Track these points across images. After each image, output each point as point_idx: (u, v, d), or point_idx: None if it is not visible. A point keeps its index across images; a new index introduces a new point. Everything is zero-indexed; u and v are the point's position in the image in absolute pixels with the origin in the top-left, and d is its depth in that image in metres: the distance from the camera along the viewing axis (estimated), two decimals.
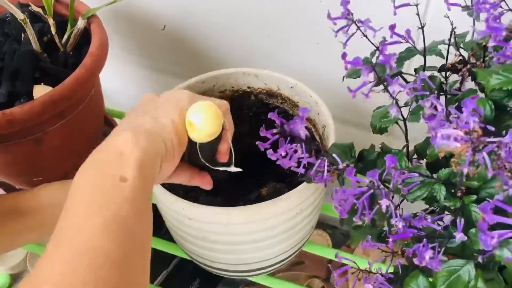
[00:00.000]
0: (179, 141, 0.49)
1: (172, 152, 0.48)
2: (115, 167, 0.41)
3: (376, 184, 0.42)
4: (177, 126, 0.49)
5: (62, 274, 0.34)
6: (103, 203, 0.39)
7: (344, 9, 0.50)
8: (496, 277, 0.47)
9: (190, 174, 0.57)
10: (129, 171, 0.41)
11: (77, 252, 0.35)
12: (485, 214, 0.30)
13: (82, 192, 0.40)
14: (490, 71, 0.38)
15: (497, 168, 0.31)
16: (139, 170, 0.41)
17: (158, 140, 0.46)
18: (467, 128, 0.30)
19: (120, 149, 0.43)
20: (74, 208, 0.39)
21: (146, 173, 0.42)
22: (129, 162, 0.41)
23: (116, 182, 0.40)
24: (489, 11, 0.39)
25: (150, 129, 0.46)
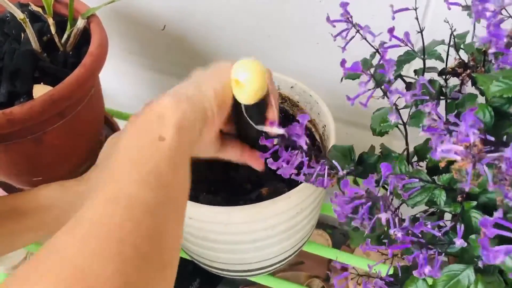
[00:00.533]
0: (220, 106, 0.50)
1: (212, 118, 0.49)
2: (155, 128, 0.43)
3: (373, 194, 0.42)
4: (218, 92, 0.49)
5: (99, 218, 0.35)
6: (141, 160, 0.40)
7: (343, 10, 0.50)
8: (496, 279, 0.47)
9: (240, 150, 0.58)
10: (167, 132, 0.42)
11: (115, 197, 0.37)
12: (486, 229, 0.30)
13: (122, 150, 0.42)
14: (490, 77, 0.38)
15: (498, 181, 0.31)
16: (178, 131, 0.43)
17: (199, 106, 0.47)
18: (467, 141, 0.30)
19: (160, 112, 0.44)
20: (113, 164, 0.41)
21: (185, 135, 0.44)
22: (168, 123, 0.43)
23: (155, 141, 0.41)
24: (489, 19, 0.39)
25: (191, 96, 0.47)
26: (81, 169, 0.84)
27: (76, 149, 0.76)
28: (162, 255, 0.37)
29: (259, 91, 0.50)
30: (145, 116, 0.45)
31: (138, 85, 1.13)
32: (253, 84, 0.49)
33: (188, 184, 0.44)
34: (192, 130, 0.45)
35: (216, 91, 0.49)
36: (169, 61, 1.03)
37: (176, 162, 0.42)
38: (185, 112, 0.45)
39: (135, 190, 0.38)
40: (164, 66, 1.05)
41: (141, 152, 0.41)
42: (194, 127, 0.46)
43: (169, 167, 0.41)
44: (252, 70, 0.49)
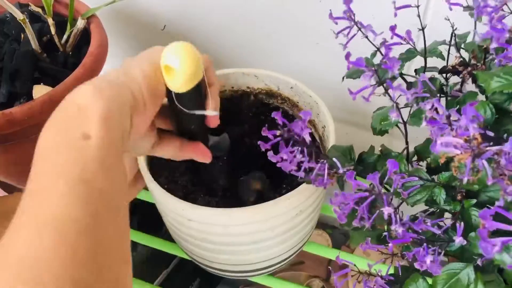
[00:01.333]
0: (151, 91, 0.43)
1: (142, 103, 0.42)
2: (75, 124, 0.36)
3: (377, 189, 0.42)
4: (147, 75, 0.43)
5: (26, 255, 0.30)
6: (66, 165, 0.34)
7: (346, 7, 0.50)
8: (496, 278, 0.47)
9: (179, 144, 0.52)
10: (91, 127, 0.36)
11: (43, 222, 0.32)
12: (485, 221, 0.30)
13: (44, 155, 0.36)
14: (491, 74, 0.38)
15: (497, 176, 0.31)
16: (104, 125, 0.36)
17: (124, 91, 0.41)
18: (466, 135, 0.30)
19: (79, 103, 0.37)
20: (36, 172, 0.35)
21: (113, 127, 0.37)
22: (90, 116, 0.36)
23: (78, 141, 0.35)
24: (490, 14, 0.39)
25: (114, 80, 0.41)
26: None
27: None
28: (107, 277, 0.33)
29: (192, 78, 0.44)
30: (64, 109, 0.39)
31: None
32: (184, 70, 0.43)
33: (125, 183, 0.39)
34: (120, 120, 0.39)
35: (145, 73, 0.43)
36: None
37: (107, 162, 0.36)
38: (108, 99, 0.38)
39: (64, 209, 0.32)
40: None
41: (64, 156, 0.35)
42: (122, 116, 0.39)
43: (101, 171, 0.35)
44: (183, 54, 0.43)
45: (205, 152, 0.54)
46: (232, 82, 0.78)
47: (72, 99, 0.39)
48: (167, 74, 0.44)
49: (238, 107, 0.79)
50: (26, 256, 0.30)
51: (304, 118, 0.47)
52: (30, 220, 0.32)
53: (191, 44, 0.44)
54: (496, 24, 0.37)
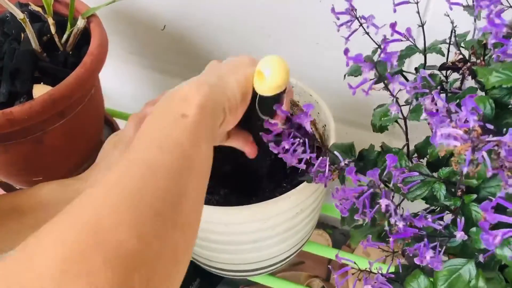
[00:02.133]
0: (243, 96, 0.51)
1: (235, 105, 0.50)
2: (178, 107, 0.44)
3: (376, 184, 0.42)
4: (241, 83, 0.51)
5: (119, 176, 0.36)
6: (163, 131, 0.41)
7: (348, 4, 0.51)
8: (497, 277, 0.47)
9: (245, 139, 0.58)
10: (190, 110, 0.43)
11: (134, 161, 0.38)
12: (486, 213, 0.30)
13: (144, 129, 0.43)
14: (490, 69, 0.38)
15: (497, 167, 0.31)
16: (200, 110, 0.44)
17: (221, 93, 0.49)
18: (466, 127, 0.30)
19: (185, 95, 0.45)
20: (141, 132, 0.43)
21: (207, 114, 0.45)
22: (191, 103, 0.44)
23: (177, 118, 0.43)
24: (489, 7, 0.39)
25: (214, 84, 0.48)
26: (81, 169, 0.83)
27: (76, 149, 0.76)
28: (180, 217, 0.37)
29: (281, 86, 0.51)
30: (170, 99, 0.46)
31: (138, 85, 1.13)
32: (277, 78, 0.50)
33: (211, 160, 0.45)
34: (214, 112, 0.47)
35: (239, 82, 0.51)
36: (169, 61, 1.03)
37: (197, 137, 0.42)
38: (207, 95, 0.45)
39: (155, 156, 0.38)
40: (164, 66, 1.05)
41: (163, 129, 0.42)
42: (216, 109, 0.47)
43: (191, 141, 0.41)
44: (277, 64, 0.50)
45: (255, 151, 0.60)
46: None
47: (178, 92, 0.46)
48: (259, 79, 0.51)
49: None
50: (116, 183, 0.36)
51: (306, 110, 0.48)
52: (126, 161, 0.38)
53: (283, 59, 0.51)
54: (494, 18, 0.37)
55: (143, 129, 0.43)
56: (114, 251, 0.31)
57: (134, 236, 0.32)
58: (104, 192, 0.35)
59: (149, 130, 0.43)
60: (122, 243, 0.31)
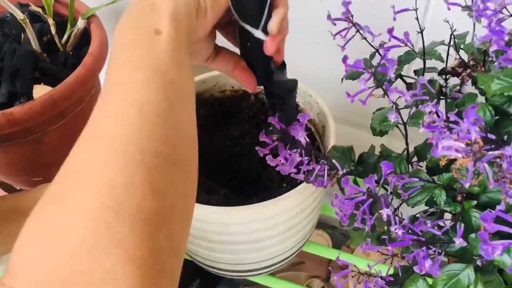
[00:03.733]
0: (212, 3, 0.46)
1: (204, 7, 0.45)
2: (149, 20, 0.40)
3: (374, 192, 0.42)
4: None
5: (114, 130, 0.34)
6: (142, 58, 0.38)
7: (345, 9, 0.50)
8: (496, 279, 0.47)
9: (234, 63, 0.54)
10: (163, 24, 0.40)
11: (125, 106, 0.36)
12: (486, 223, 0.30)
13: (121, 49, 0.40)
14: (491, 76, 0.38)
15: (499, 179, 0.31)
16: (173, 22, 0.41)
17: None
18: (468, 139, 0.30)
19: (152, 2, 0.42)
20: (115, 65, 0.39)
21: (181, 25, 0.42)
22: (162, 14, 0.41)
23: (151, 36, 0.39)
24: (490, 18, 0.39)
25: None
26: None
27: None
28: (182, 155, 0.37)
29: None
30: (139, 8, 0.42)
31: None
32: None
33: (191, 78, 0.43)
34: (186, 20, 0.43)
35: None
36: None
37: (176, 56, 0.40)
38: (178, 2, 0.42)
39: (144, 95, 0.36)
40: None
41: (138, 50, 0.39)
42: (188, 14, 0.43)
43: (171, 63, 0.39)
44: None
45: (252, 82, 0.56)
46: (232, 82, 0.78)
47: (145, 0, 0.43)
48: None
49: (238, 107, 0.79)
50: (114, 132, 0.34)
51: (301, 121, 0.47)
52: (115, 104, 0.36)
53: None
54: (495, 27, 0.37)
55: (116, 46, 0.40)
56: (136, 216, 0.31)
57: (150, 194, 0.32)
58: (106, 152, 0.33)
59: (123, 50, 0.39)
60: (141, 206, 0.31)
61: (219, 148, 0.75)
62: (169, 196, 0.34)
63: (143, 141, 0.34)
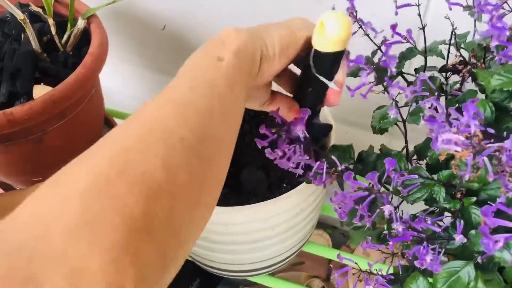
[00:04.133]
0: (282, 47, 0.49)
1: (272, 54, 0.49)
2: (215, 51, 0.44)
3: (376, 188, 0.42)
4: (282, 34, 0.50)
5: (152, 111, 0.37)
6: (198, 72, 0.42)
7: (350, 5, 0.51)
8: (496, 278, 0.47)
9: (289, 106, 0.56)
10: (226, 54, 0.44)
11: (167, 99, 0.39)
12: (486, 218, 0.30)
13: (186, 68, 0.44)
14: (491, 72, 0.38)
15: (498, 172, 0.31)
16: (236, 54, 0.44)
17: (259, 40, 0.48)
18: (468, 132, 0.30)
19: (223, 38, 0.46)
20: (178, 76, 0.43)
21: (243, 59, 0.45)
22: (228, 47, 0.45)
23: (213, 60, 0.43)
24: (491, 12, 0.39)
25: (253, 30, 0.49)
26: None
27: (76, 149, 0.75)
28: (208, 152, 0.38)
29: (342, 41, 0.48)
30: (209, 42, 0.47)
31: (138, 85, 1.13)
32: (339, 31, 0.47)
33: (243, 104, 0.46)
34: (250, 57, 0.47)
35: (281, 33, 0.50)
36: (169, 61, 1.03)
37: (231, 80, 0.43)
38: (245, 40, 0.46)
39: (188, 97, 0.39)
40: (164, 66, 1.05)
41: (198, 68, 0.43)
42: (253, 54, 0.47)
43: (224, 82, 0.42)
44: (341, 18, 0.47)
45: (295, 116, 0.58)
46: None
47: (219, 36, 0.47)
48: (320, 31, 0.48)
49: None
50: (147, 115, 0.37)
51: (302, 116, 0.47)
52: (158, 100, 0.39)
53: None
54: (496, 22, 0.37)
55: (181, 71, 0.44)
56: (138, 178, 0.32)
57: (160, 166, 0.33)
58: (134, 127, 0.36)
59: (185, 71, 0.44)
60: (147, 172, 0.33)
61: None
62: (181, 177, 0.35)
63: (172, 125, 0.36)
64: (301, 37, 0.51)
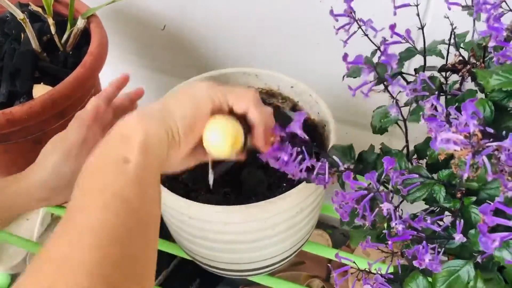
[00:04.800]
0: (187, 132, 0.47)
1: (177, 140, 0.47)
2: (119, 149, 0.42)
3: (375, 187, 0.42)
4: (186, 116, 0.47)
5: (66, 254, 0.35)
6: (107, 184, 0.39)
7: (347, 6, 0.50)
8: (496, 277, 0.47)
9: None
10: (132, 153, 0.41)
11: (82, 228, 0.37)
12: (485, 216, 0.30)
13: (87, 175, 0.41)
14: (490, 72, 0.38)
15: (497, 171, 0.31)
16: (143, 152, 0.42)
17: (162, 126, 0.46)
18: (467, 131, 0.30)
19: (123, 132, 0.43)
20: (80, 190, 0.40)
21: (151, 156, 0.43)
22: (132, 144, 0.42)
23: (119, 164, 0.41)
24: (489, 12, 0.39)
25: (155, 115, 0.46)
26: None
27: None
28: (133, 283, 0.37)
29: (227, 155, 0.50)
30: (110, 136, 0.44)
31: (137, 85, 1.13)
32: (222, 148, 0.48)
33: (158, 205, 0.44)
34: (157, 150, 0.44)
35: (185, 115, 0.48)
36: (169, 61, 1.03)
37: (142, 184, 0.41)
38: (148, 131, 0.44)
39: (101, 217, 0.37)
40: (164, 66, 1.05)
41: (105, 176, 0.40)
42: (159, 147, 0.45)
43: (136, 191, 0.40)
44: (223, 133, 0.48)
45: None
46: (232, 82, 0.78)
47: (118, 129, 0.44)
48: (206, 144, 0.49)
49: None
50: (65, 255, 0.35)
51: (298, 118, 0.47)
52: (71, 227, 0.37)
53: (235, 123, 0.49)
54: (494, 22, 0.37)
55: (85, 173, 0.41)
56: None
57: None
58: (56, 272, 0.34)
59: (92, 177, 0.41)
60: None
61: None
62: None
63: (93, 266, 0.34)
64: (207, 112, 0.49)
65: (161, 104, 0.48)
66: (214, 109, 0.49)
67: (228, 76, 0.77)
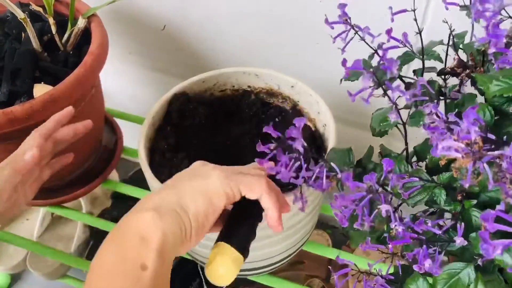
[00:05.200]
0: (198, 232, 0.48)
1: (188, 237, 0.47)
2: (136, 253, 0.42)
3: (374, 188, 0.42)
4: (199, 214, 0.48)
5: None
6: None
7: (341, 12, 0.50)
8: (497, 278, 0.47)
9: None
10: (149, 259, 0.42)
11: None
12: (486, 223, 0.30)
13: (101, 275, 0.42)
14: (490, 77, 0.38)
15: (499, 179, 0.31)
16: (160, 257, 0.42)
17: (177, 224, 0.46)
18: (468, 139, 0.30)
19: (141, 233, 0.43)
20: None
21: (167, 258, 0.44)
22: (150, 247, 0.43)
23: (137, 270, 0.41)
24: (489, 19, 0.39)
25: (171, 210, 0.46)
26: (81, 169, 0.84)
27: (76, 149, 0.75)
28: None
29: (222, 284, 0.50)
30: (125, 236, 0.44)
31: (138, 85, 1.13)
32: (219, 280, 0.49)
33: None
34: (172, 248, 0.45)
35: (197, 211, 0.48)
36: (169, 61, 1.03)
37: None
38: (166, 230, 0.44)
39: None
40: (164, 66, 1.05)
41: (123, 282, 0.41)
42: (174, 246, 0.45)
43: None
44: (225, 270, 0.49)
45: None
46: (233, 81, 0.78)
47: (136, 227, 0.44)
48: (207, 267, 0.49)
49: (239, 106, 0.79)
50: None
51: (297, 125, 0.47)
52: None
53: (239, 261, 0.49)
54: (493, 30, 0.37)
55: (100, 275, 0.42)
56: None
57: None
58: None
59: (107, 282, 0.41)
60: None
61: (219, 147, 0.75)
62: None
63: None
64: (220, 206, 0.49)
65: (176, 195, 0.48)
66: (228, 202, 0.50)
67: (228, 75, 0.77)
